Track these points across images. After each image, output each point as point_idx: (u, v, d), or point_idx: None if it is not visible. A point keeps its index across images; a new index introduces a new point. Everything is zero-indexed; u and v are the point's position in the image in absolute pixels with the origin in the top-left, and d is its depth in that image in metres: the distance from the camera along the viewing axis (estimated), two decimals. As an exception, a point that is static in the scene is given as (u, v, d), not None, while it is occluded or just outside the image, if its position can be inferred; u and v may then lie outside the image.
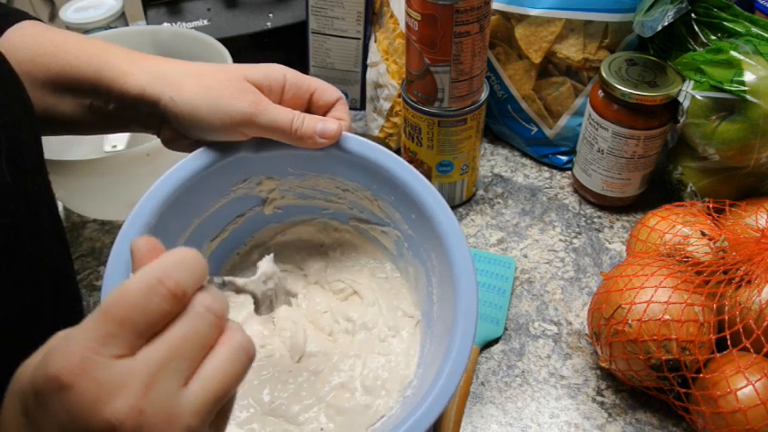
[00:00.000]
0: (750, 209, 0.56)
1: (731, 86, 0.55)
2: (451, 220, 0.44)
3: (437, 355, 0.42)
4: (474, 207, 0.69)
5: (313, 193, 0.52)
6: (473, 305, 0.41)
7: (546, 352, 0.55)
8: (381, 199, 0.49)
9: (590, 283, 0.61)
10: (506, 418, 0.51)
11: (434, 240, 0.45)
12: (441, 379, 0.38)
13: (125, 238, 0.41)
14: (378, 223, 0.52)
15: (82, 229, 0.67)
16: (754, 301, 0.47)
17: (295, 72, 0.45)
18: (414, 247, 0.49)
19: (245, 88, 0.42)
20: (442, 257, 0.44)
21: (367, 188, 0.49)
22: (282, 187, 0.51)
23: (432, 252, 0.46)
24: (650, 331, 0.46)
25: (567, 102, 0.69)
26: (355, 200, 0.51)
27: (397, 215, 0.49)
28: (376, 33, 0.73)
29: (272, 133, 0.43)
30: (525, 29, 0.65)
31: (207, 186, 0.46)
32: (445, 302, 0.44)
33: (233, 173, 0.47)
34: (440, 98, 0.60)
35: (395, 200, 0.48)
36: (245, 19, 0.81)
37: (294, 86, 0.44)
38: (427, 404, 0.37)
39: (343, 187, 0.50)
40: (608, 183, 0.65)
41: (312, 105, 0.46)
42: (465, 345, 0.39)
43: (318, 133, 0.44)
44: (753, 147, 0.56)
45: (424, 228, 0.46)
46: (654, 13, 0.58)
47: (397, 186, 0.46)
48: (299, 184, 0.51)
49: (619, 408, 0.51)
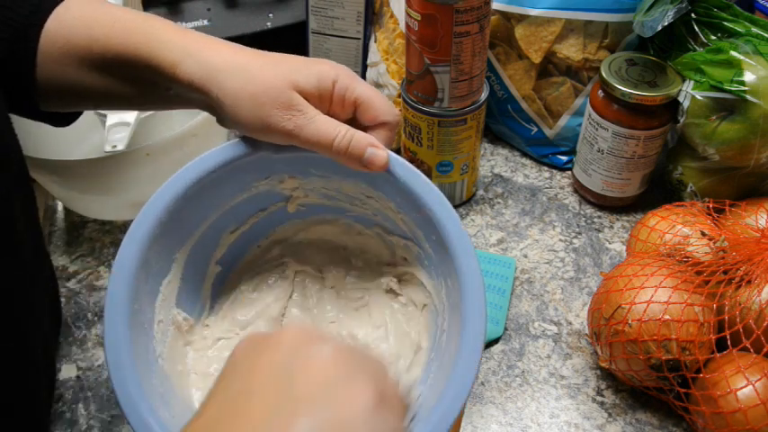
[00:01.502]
0: (750, 209, 0.56)
1: (731, 86, 0.55)
2: (468, 253, 0.42)
3: (436, 390, 0.41)
4: (474, 207, 0.69)
5: (338, 195, 0.50)
6: (479, 344, 0.40)
7: (546, 352, 0.55)
8: (405, 213, 0.48)
9: (590, 283, 0.61)
10: (506, 418, 0.51)
11: (449, 267, 0.44)
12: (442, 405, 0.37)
13: (134, 234, 0.41)
14: (401, 235, 0.51)
15: (82, 229, 0.67)
16: (754, 301, 0.47)
17: (349, 77, 0.42)
18: (432, 266, 0.48)
19: (290, 102, 0.40)
20: (454, 287, 0.43)
21: (391, 200, 0.48)
22: (306, 186, 0.50)
23: (447, 278, 0.45)
24: (650, 331, 0.46)
25: (567, 102, 0.69)
26: (379, 208, 0.50)
27: (419, 233, 0.48)
28: (376, 33, 0.73)
29: (313, 147, 0.41)
30: (525, 29, 0.65)
31: (227, 182, 0.45)
32: (452, 334, 0.43)
33: (255, 170, 0.46)
34: (440, 98, 0.60)
35: (417, 218, 0.46)
36: (245, 19, 0.81)
37: (340, 95, 0.42)
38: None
39: (367, 194, 0.49)
40: (608, 183, 0.65)
41: (358, 115, 0.43)
42: (466, 383, 0.38)
43: (365, 161, 0.41)
44: (753, 147, 0.56)
45: (442, 253, 0.45)
46: (654, 13, 0.58)
47: (420, 208, 0.44)
48: (324, 185, 0.49)
49: (619, 408, 0.51)
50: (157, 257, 0.43)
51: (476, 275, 0.41)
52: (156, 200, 0.42)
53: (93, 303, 0.60)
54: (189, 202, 0.43)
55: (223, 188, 0.46)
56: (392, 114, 0.43)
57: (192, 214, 0.45)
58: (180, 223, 0.44)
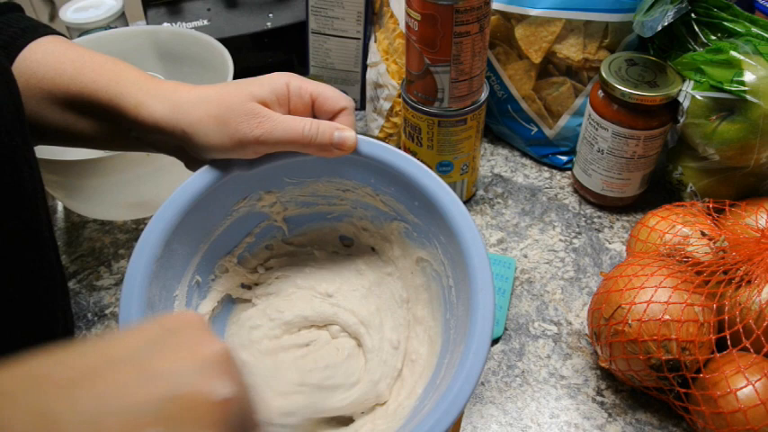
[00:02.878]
0: (750, 209, 0.56)
1: (731, 86, 0.55)
2: (453, 200, 0.44)
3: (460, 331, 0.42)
4: (474, 207, 0.69)
5: (315, 198, 0.51)
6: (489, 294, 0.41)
7: (546, 352, 0.55)
8: (382, 192, 0.49)
9: (590, 283, 0.61)
10: (506, 418, 0.51)
11: (439, 223, 0.45)
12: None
13: (134, 273, 0.41)
14: (385, 219, 0.51)
15: (82, 229, 0.67)
16: (754, 301, 0.47)
17: (298, 78, 0.45)
18: (423, 235, 0.49)
19: (253, 111, 0.42)
20: (450, 241, 0.45)
21: (366, 184, 0.49)
22: (283, 198, 0.51)
23: (440, 236, 0.46)
24: (650, 331, 0.46)
25: (567, 102, 0.69)
26: (357, 198, 0.51)
27: (400, 206, 0.49)
28: (376, 33, 0.73)
29: (286, 146, 0.43)
30: (525, 29, 0.65)
31: (207, 210, 0.46)
32: (460, 286, 0.45)
33: (230, 192, 0.47)
34: (440, 98, 0.60)
35: (395, 191, 0.48)
36: (245, 19, 0.81)
37: (296, 95, 0.44)
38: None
39: (342, 188, 0.50)
40: (608, 183, 0.65)
41: (316, 111, 0.46)
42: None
43: (336, 143, 0.44)
44: (753, 147, 0.56)
45: (428, 214, 0.46)
46: (654, 13, 0.58)
47: (395, 176, 0.46)
48: (300, 193, 0.51)
49: (619, 408, 0.51)
50: (159, 295, 0.43)
51: (466, 217, 0.43)
52: (145, 240, 0.42)
53: (93, 303, 0.60)
54: (175, 239, 0.44)
55: (204, 218, 0.47)
56: (347, 99, 0.45)
57: (183, 249, 0.45)
58: (174, 262, 0.44)
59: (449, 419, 0.36)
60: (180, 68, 0.73)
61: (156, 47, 0.74)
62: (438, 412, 0.36)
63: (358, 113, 0.82)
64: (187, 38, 0.72)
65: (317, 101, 0.45)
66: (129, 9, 0.83)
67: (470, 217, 0.44)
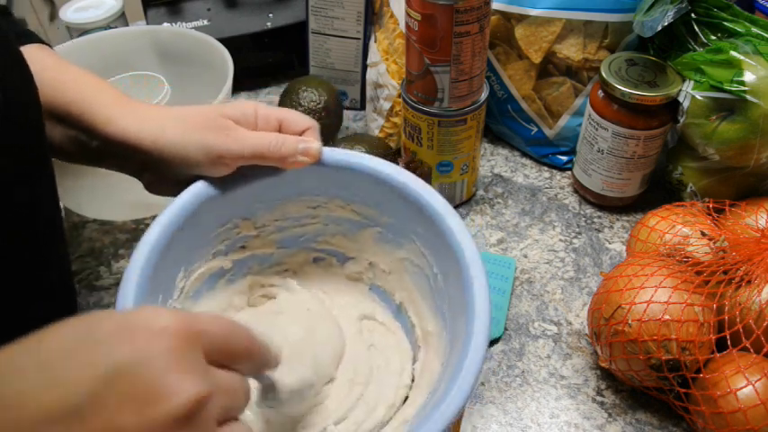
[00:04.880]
0: (750, 209, 0.56)
1: (731, 86, 0.55)
2: (428, 190, 0.46)
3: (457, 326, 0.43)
4: (474, 207, 0.69)
5: (286, 222, 0.52)
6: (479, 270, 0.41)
7: (546, 352, 0.55)
8: (353, 201, 0.50)
9: (590, 283, 0.61)
10: (506, 418, 0.51)
11: (416, 216, 0.46)
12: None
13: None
14: (359, 227, 0.52)
15: (82, 229, 0.67)
16: (754, 301, 0.47)
17: (265, 106, 0.47)
18: (398, 234, 0.50)
19: (223, 123, 0.44)
20: (430, 228, 0.46)
21: (336, 196, 0.50)
22: (258, 224, 0.51)
23: (417, 227, 0.48)
24: (650, 331, 0.46)
25: (567, 102, 0.69)
26: (329, 213, 0.52)
27: (371, 211, 0.50)
28: (376, 33, 0.73)
29: (254, 158, 0.44)
30: (525, 29, 0.65)
31: (188, 245, 0.46)
32: (447, 271, 0.45)
33: (207, 223, 0.47)
34: (440, 98, 0.60)
35: (366, 195, 0.49)
36: (245, 19, 0.81)
37: (263, 119, 0.46)
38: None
39: (312, 205, 0.51)
40: (608, 183, 0.65)
41: (282, 132, 0.47)
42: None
43: (300, 152, 0.45)
44: (753, 147, 0.56)
45: (403, 209, 0.47)
46: (654, 13, 0.58)
47: (362, 179, 0.48)
48: (272, 216, 0.51)
49: (619, 408, 0.51)
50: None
51: (443, 203, 0.45)
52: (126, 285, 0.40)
53: (93, 303, 0.60)
54: (158, 277, 0.43)
55: (186, 253, 0.46)
56: (311, 121, 0.48)
57: (167, 287, 0.45)
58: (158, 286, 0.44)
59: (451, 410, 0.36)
60: (180, 68, 0.73)
61: (156, 47, 0.74)
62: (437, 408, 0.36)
63: (358, 113, 0.82)
64: (187, 38, 0.72)
65: (282, 124, 0.47)
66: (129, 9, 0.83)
67: (440, 196, 0.45)
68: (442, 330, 0.47)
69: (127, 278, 0.40)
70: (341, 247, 0.54)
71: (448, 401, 0.35)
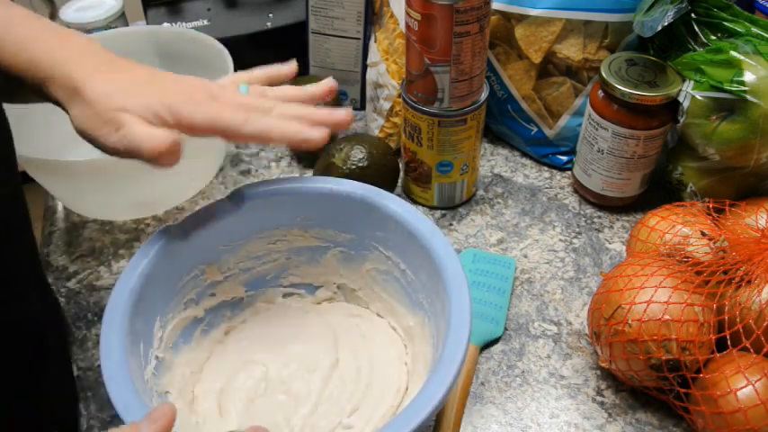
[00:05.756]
0: (750, 209, 0.56)
1: (731, 86, 0.55)
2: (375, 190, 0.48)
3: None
4: (474, 207, 0.69)
5: (249, 262, 0.53)
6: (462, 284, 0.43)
7: (546, 352, 0.55)
8: (310, 226, 0.52)
9: (590, 283, 0.61)
10: (506, 418, 0.51)
11: (373, 217, 0.48)
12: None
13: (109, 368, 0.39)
14: (322, 249, 0.53)
15: (82, 229, 0.67)
16: (754, 301, 0.47)
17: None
18: (360, 247, 0.52)
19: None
20: (396, 230, 0.47)
21: (294, 225, 0.51)
22: (223, 268, 0.51)
23: (376, 231, 0.49)
24: (650, 331, 0.46)
25: (567, 102, 0.69)
26: (288, 246, 0.53)
27: (330, 232, 0.52)
28: (376, 33, 0.73)
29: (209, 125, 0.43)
30: (525, 29, 0.65)
31: (159, 295, 0.46)
32: (416, 262, 0.47)
33: (173, 273, 0.47)
34: (440, 98, 0.60)
35: (325, 216, 0.51)
36: (245, 19, 0.81)
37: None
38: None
39: (272, 240, 0.52)
40: (608, 183, 0.65)
41: None
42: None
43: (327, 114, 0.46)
44: (753, 147, 0.56)
45: (364, 225, 0.49)
46: (654, 13, 0.58)
47: (314, 199, 0.49)
48: (235, 258, 0.51)
49: (619, 408, 0.51)
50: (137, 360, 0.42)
51: (394, 200, 0.47)
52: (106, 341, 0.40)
53: (93, 303, 0.60)
54: (139, 311, 0.43)
55: (162, 296, 0.46)
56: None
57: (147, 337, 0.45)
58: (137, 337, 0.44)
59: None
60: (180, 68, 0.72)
61: (156, 47, 0.74)
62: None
63: (358, 113, 0.82)
64: (187, 38, 0.72)
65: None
66: (129, 9, 0.83)
67: (398, 198, 0.48)
68: (423, 319, 0.49)
69: (106, 333, 0.40)
70: (307, 276, 0.55)
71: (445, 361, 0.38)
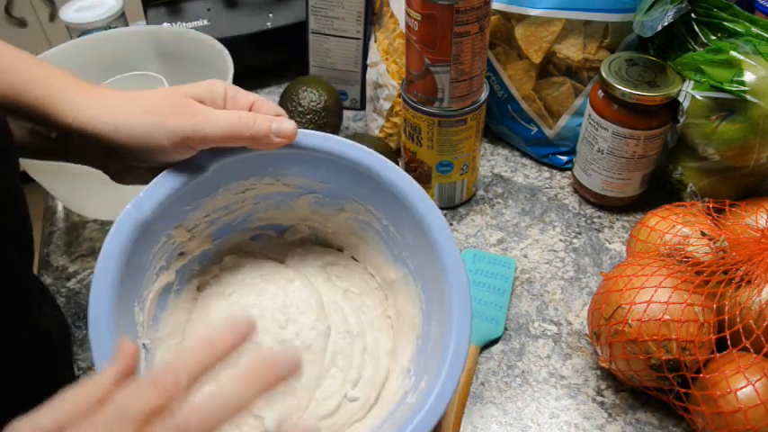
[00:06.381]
0: (750, 209, 0.56)
1: (731, 86, 0.55)
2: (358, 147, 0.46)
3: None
4: (474, 207, 0.69)
5: (216, 214, 0.50)
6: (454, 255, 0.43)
7: (546, 352, 0.55)
8: (281, 175, 0.49)
9: (590, 283, 0.61)
10: (506, 418, 0.51)
11: (356, 175, 0.47)
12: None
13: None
14: (291, 198, 0.51)
15: (82, 229, 0.67)
16: (754, 301, 0.47)
17: (235, 87, 0.45)
18: (338, 197, 0.50)
19: (186, 104, 0.42)
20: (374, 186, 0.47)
21: (264, 174, 0.49)
22: (189, 227, 0.49)
23: (360, 188, 0.48)
24: (650, 331, 0.46)
25: (567, 102, 0.69)
26: (256, 193, 0.50)
27: (305, 180, 0.49)
28: (376, 33, 0.73)
29: (223, 139, 0.42)
30: (525, 29, 0.65)
31: (134, 278, 0.44)
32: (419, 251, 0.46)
33: (143, 252, 0.45)
34: (440, 98, 0.60)
35: (295, 168, 0.49)
36: (245, 19, 0.81)
37: (232, 99, 0.44)
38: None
39: (240, 190, 0.49)
40: (608, 183, 0.65)
41: None
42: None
43: (274, 132, 0.43)
44: (753, 147, 0.56)
45: (339, 171, 0.48)
46: (654, 13, 0.58)
47: (291, 154, 0.47)
48: (201, 215, 0.49)
49: (619, 408, 0.51)
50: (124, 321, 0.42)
51: (374, 155, 0.46)
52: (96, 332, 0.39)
53: (93, 303, 0.60)
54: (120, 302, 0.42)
55: (136, 277, 0.45)
56: (281, 109, 0.46)
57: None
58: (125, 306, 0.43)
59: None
60: (180, 68, 0.73)
61: (156, 47, 0.74)
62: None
63: (358, 113, 0.82)
64: (187, 38, 0.72)
65: (254, 105, 0.45)
66: (129, 9, 0.83)
67: (375, 153, 0.46)
68: (407, 275, 0.48)
69: (95, 332, 0.39)
70: (276, 219, 0.53)
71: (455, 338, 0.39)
